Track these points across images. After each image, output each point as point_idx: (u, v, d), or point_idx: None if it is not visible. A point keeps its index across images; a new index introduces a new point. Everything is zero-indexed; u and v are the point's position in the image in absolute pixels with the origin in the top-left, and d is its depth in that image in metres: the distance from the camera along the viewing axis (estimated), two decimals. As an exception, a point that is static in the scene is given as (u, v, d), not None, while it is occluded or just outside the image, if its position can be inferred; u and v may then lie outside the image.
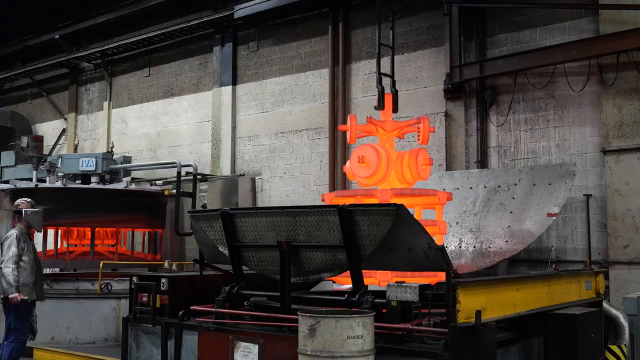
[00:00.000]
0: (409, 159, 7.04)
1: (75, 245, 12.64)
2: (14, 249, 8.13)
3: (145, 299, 6.87)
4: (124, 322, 7.14)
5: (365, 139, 8.05)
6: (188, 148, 16.14)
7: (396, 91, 7.98)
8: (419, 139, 7.50)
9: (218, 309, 6.36)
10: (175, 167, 13.20)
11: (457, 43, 11.46)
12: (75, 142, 16.79)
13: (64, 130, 19.70)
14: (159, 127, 16.96)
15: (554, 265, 9.87)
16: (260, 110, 14.77)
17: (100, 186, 12.60)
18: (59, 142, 19.77)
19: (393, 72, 8.42)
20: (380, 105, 7.72)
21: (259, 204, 14.22)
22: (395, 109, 7.80)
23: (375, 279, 6.46)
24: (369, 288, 5.76)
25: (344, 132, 13.16)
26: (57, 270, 13.19)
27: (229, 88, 15.23)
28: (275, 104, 14.52)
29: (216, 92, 15.51)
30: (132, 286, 7.09)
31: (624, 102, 9.88)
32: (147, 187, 13.29)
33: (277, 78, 14.53)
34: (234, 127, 15.14)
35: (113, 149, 13.97)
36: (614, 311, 6.91)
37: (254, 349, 5.76)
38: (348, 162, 7.14)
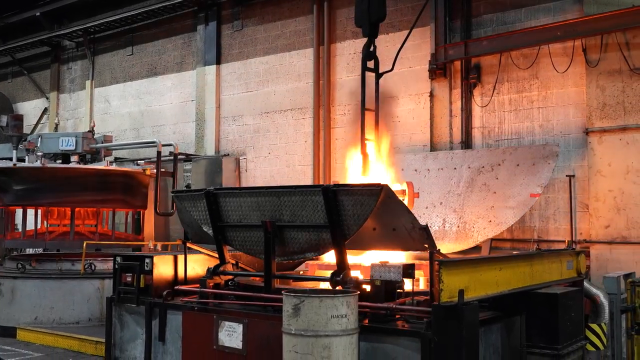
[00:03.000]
0: None
1: (57, 225, 12.52)
2: None
3: (129, 279, 6.83)
4: (108, 302, 7.11)
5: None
6: (172, 128, 16.03)
7: None
8: None
9: (202, 289, 6.36)
10: (156, 146, 13.07)
11: (442, 23, 11.46)
12: (56, 121, 16.56)
13: (45, 110, 19.47)
14: (142, 107, 16.81)
15: (536, 245, 9.98)
16: (244, 90, 14.68)
17: (80, 165, 12.42)
18: (41, 122, 19.55)
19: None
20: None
21: (244, 184, 14.19)
22: None
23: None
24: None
25: (329, 112, 13.19)
26: (39, 250, 13.09)
27: (213, 67, 15.11)
28: (259, 84, 14.43)
29: (200, 71, 15.38)
30: (116, 266, 7.06)
31: (607, 83, 9.93)
32: (128, 166, 13.14)
33: (262, 57, 14.43)
34: (218, 107, 15.04)
35: (94, 128, 13.79)
36: (594, 290, 6.98)
37: (238, 328, 5.77)
38: None
